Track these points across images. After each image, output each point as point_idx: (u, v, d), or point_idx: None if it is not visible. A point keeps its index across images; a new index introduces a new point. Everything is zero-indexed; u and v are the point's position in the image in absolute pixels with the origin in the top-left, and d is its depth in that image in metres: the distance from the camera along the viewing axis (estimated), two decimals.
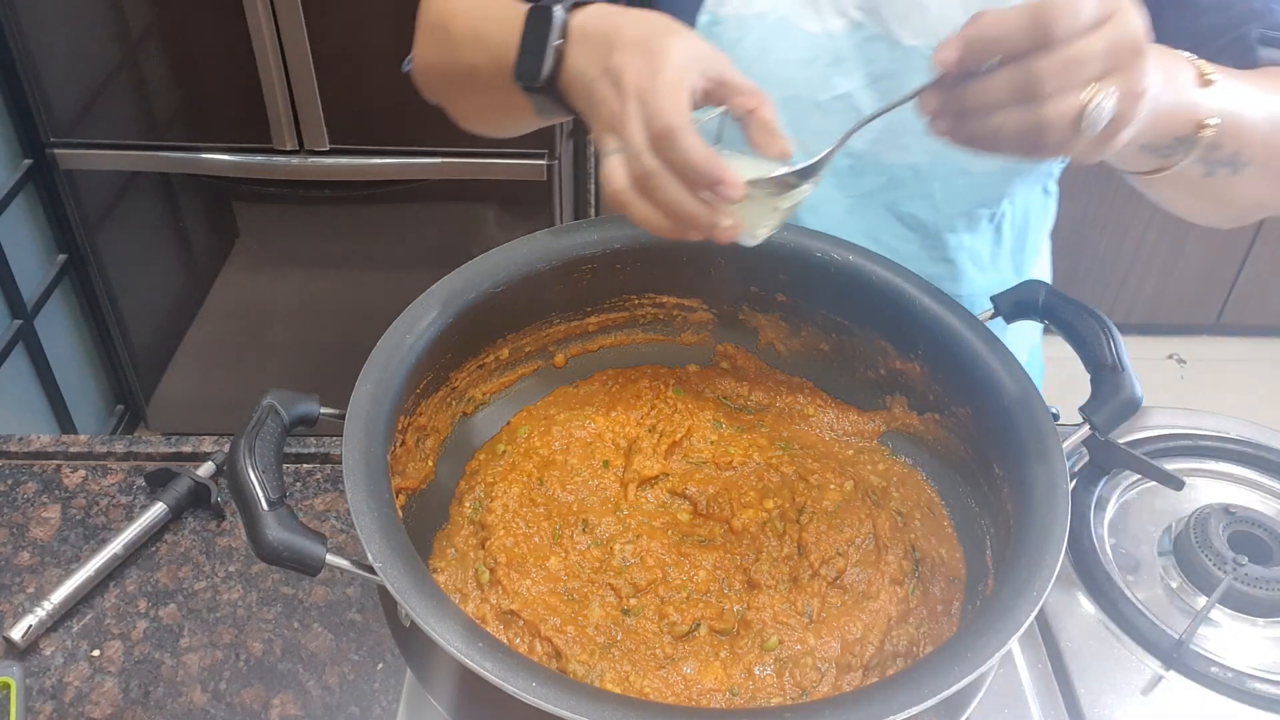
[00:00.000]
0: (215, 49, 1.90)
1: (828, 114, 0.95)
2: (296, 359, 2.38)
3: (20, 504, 0.95)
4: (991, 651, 0.58)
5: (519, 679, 0.55)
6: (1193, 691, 0.80)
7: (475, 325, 0.79)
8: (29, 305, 2.05)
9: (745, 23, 0.91)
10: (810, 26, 0.91)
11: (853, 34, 0.92)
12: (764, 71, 0.92)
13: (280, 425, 0.65)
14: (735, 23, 0.91)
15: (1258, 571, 0.85)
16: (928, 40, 0.90)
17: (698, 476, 0.81)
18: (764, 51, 0.92)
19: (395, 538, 0.61)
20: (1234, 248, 2.52)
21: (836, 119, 0.95)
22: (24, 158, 2.02)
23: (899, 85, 0.92)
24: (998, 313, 0.82)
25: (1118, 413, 0.73)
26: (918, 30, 0.90)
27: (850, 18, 0.91)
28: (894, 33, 0.90)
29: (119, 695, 0.82)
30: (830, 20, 0.91)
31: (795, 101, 0.94)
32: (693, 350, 0.91)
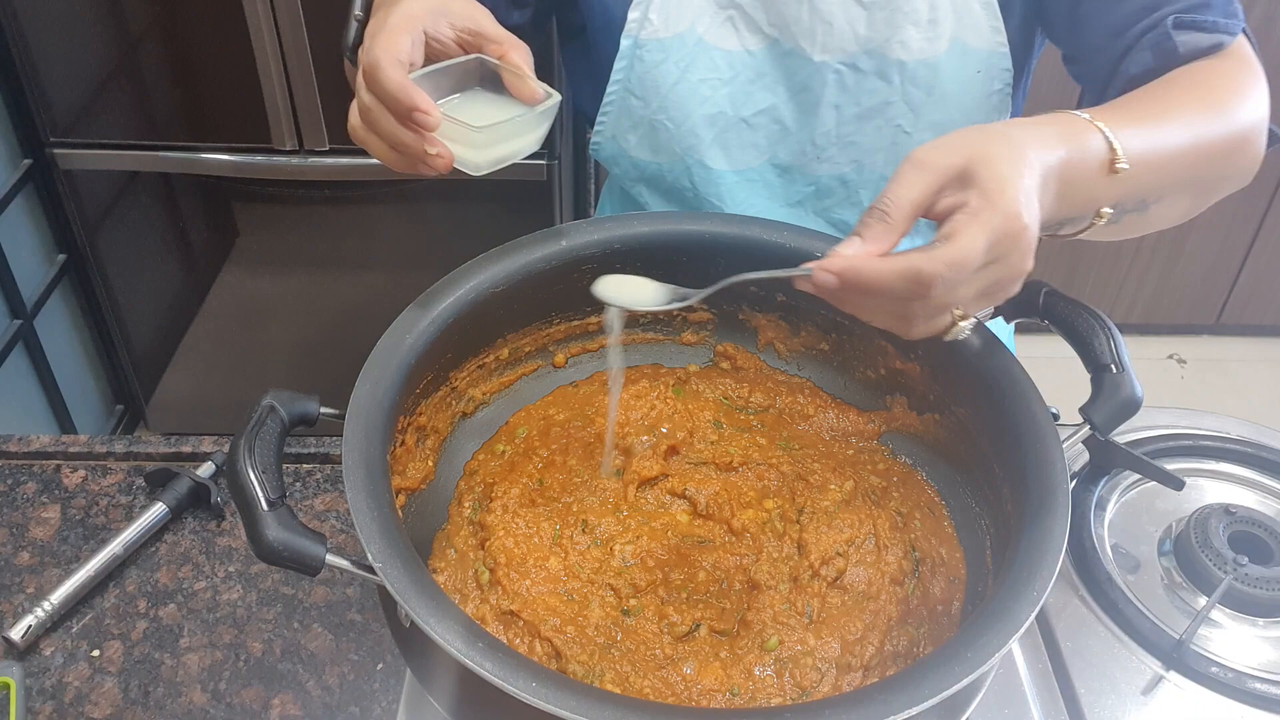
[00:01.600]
0: (215, 49, 1.90)
1: (754, 129, 0.98)
2: (296, 359, 2.38)
3: (20, 504, 0.95)
4: (991, 651, 0.58)
5: (519, 679, 0.55)
6: (1193, 691, 0.80)
7: (475, 325, 0.79)
8: (29, 305, 2.05)
9: (665, 45, 0.94)
10: (729, 45, 0.95)
11: (769, 50, 0.95)
12: (687, 90, 0.96)
13: (280, 425, 0.65)
14: (655, 46, 0.95)
15: (1258, 571, 0.85)
16: (835, 55, 0.93)
17: (697, 477, 0.81)
18: (686, 71, 0.95)
19: (395, 538, 0.61)
20: (1234, 248, 2.52)
21: (762, 133, 0.99)
22: (24, 157, 2.02)
23: (816, 99, 0.95)
24: (998, 312, 0.82)
25: (1118, 413, 0.73)
26: (826, 46, 0.93)
27: (765, 34, 0.94)
28: (804, 49, 0.93)
29: (119, 695, 0.82)
30: (747, 38, 0.95)
31: (721, 118, 0.97)
32: (693, 350, 0.91)
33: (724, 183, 1.01)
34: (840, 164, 0.99)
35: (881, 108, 0.95)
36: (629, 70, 0.95)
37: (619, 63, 0.95)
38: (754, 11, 0.93)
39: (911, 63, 0.92)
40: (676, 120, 0.97)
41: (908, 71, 0.93)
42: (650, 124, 0.98)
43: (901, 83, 0.93)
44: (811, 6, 0.91)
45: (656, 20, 0.93)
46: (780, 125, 0.97)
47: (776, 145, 0.99)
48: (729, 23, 0.94)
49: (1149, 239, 2.49)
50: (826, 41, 0.92)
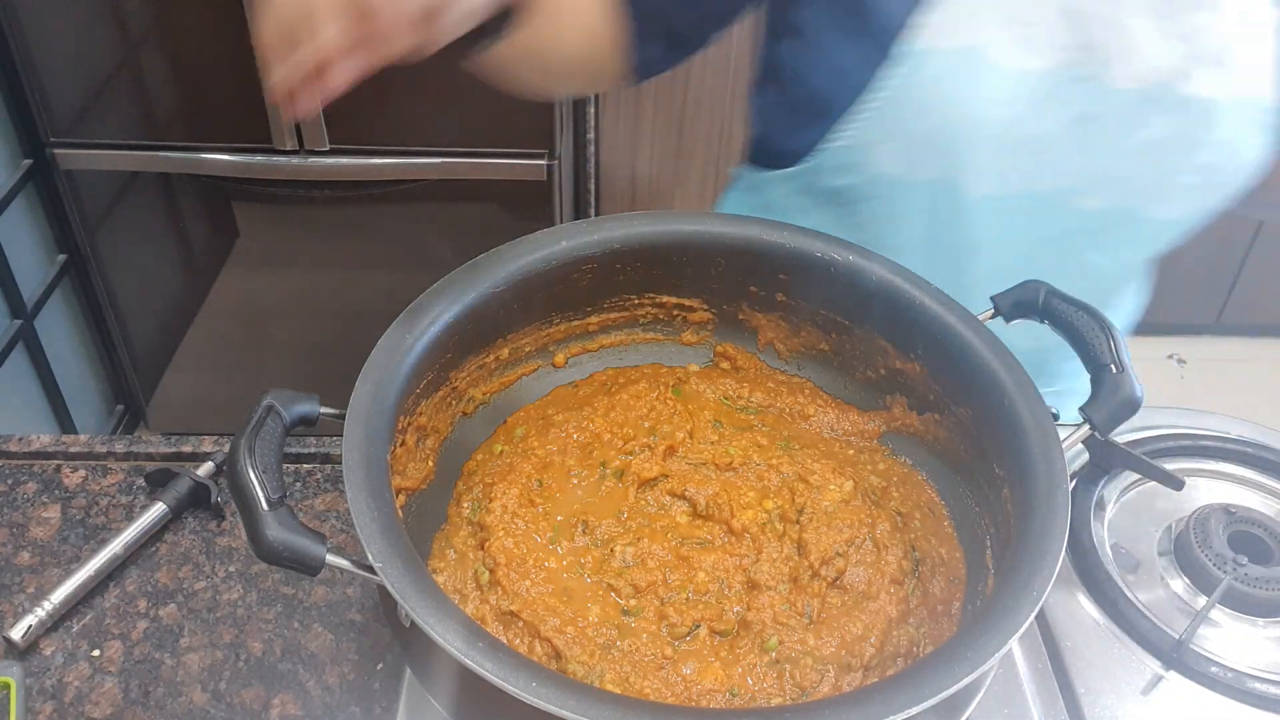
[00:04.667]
0: (215, 49, 1.90)
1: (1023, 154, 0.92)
2: (296, 359, 2.38)
3: (20, 504, 0.95)
4: (991, 651, 0.58)
5: (519, 679, 0.55)
6: (1193, 691, 0.80)
7: (475, 325, 0.79)
8: (29, 305, 2.05)
9: (951, 57, 0.88)
10: (1017, 63, 0.88)
11: (1060, 72, 0.89)
12: (966, 111, 0.89)
13: (280, 425, 0.65)
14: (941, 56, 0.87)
15: (1258, 571, 0.85)
16: (1135, 84, 0.88)
17: (697, 477, 0.81)
18: (965, 87, 0.88)
19: (395, 538, 0.61)
20: (1234, 248, 2.52)
21: (1033, 158, 0.92)
22: (24, 158, 2.02)
23: (1099, 129, 0.90)
24: (998, 313, 0.82)
25: (1118, 413, 0.73)
26: (1128, 73, 0.88)
27: (1060, 56, 0.88)
28: (1105, 74, 0.88)
29: (119, 695, 0.82)
30: (1036, 58, 0.88)
31: (994, 140, 0.91)
32: (693, 350, 0.91)
33: (975, 209, 0.94)
34: (1104, 198, 0.94)
35: (1160, 143, 0.91)
36: (908, 79, 0.88)
37: (897, 68, 0.88)
38: (1053, 31, 0.87)
39: (1196, 100, 0.89)
40: (945, 137, 0.90)
41: (1191, 109, 0.89)
42: (918, 138, 0.91)
43: (1184, 120, 0.90)
44: (1122, 31, 0.87)
45: (942, 31, 0.87)
46: (1052, 152, 0.92)
47: (1042, 174, 0.93)
48: (1024, 39, 0.88)
49: None
50: (1131, 69, 0.88)
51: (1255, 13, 0.89)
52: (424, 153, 2.00)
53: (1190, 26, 0.87)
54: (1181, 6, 0.87)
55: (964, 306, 0.80)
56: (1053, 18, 0.87)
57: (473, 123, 1.97)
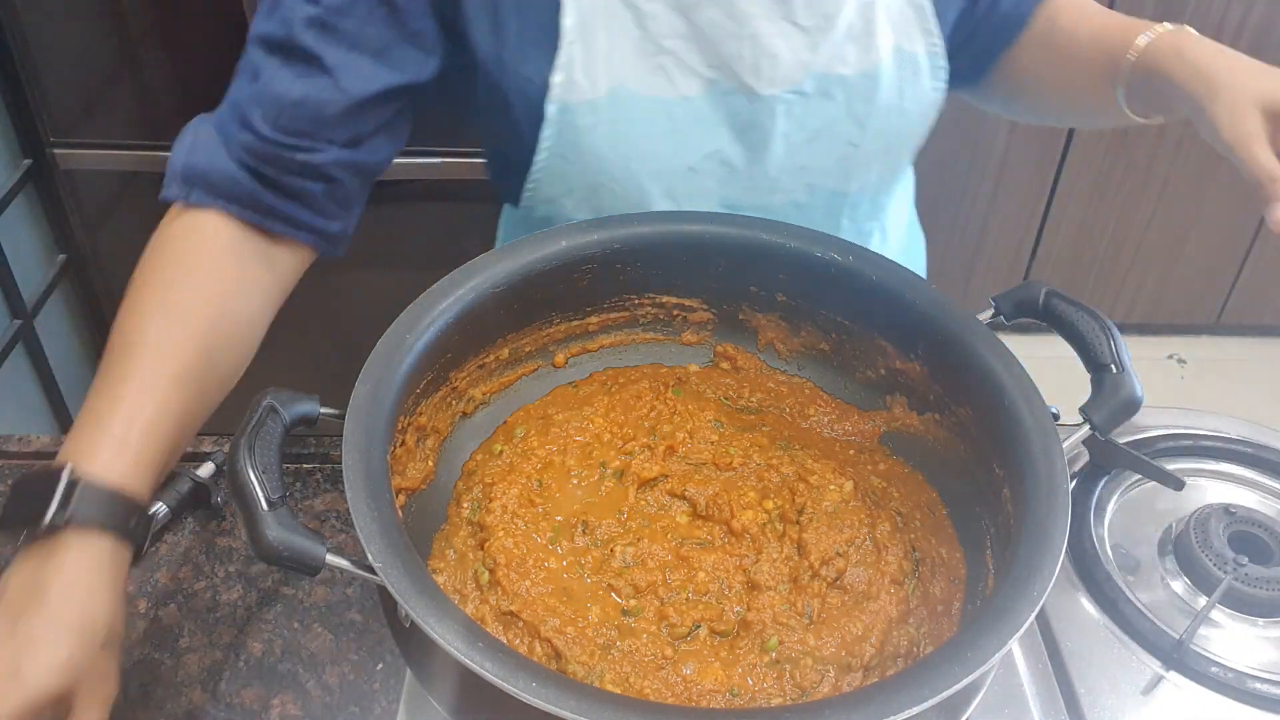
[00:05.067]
0: (215, 49, 1.89)
1: (702, 174, 0.94)
2: (296, 359, 2.38)
3: None
4: (991, 651, 0.58)
5: (519, 679, 0.55)
6: (1193, 691, 0.80)
7: (475, 325, 0.79)
8: (29, 305, 2.05)
9: (596, 106, 0.89)
10: (664, 94, 0.90)
11: (708, 93, 0.91)
12: (628, 149, 0.91)
13: (280, 425, 0.65)
14: (586, 108, 0.89)
15: (1258, 571, 0.85)
16: (783, 86, 0.91)
17: (697, 478, 0.81)
18: (623, 129, 0.90)
19: (395, 538, 0.61)
20: (1234, 248, 2.52)
21: (710, 178, 0.95)
22: (24, 158, 2.02)
23: (764, 133, 0.93)
24: (998, 312, 0.82)
25: (1118, 413, 0.73)
26: (773, 79, 0.90)
27: (703, 77, 0.90)
28: (750, 85, 0.90)
29: (119, 695, 0.82)
30: (682, 84, 0.90)
31: (667, 170, 0.93)
32: (693, 350, 0.91)
33: None
34: (793, 190, 0.97)
35: (828, 126, 0.93)
36: (558, 136, 0.90)
37: (547, 129, 0.89)
38: (687, 56, 0.89)
39: (852, 76, 0.91)
40: (621, 180, 0.92)
41: (850, 86, 0.92)
42: (590, 187, 0.93)
43: (845, 98, 0.92)
44: (754, 41, 0.88)
45: (583, 81, 0.88)
46: (728, 166, 0.94)
47: (726, 186, 0.95)
48: (660, 71, 0.89)
49: (1149, 239, 2.50)
50: (774, 74, 0.90)
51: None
52: (424, 153, 2.00)
53: (819, 15, 0.89)
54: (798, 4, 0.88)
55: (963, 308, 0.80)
56: (683, 43, 0.89)
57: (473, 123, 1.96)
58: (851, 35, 0.90)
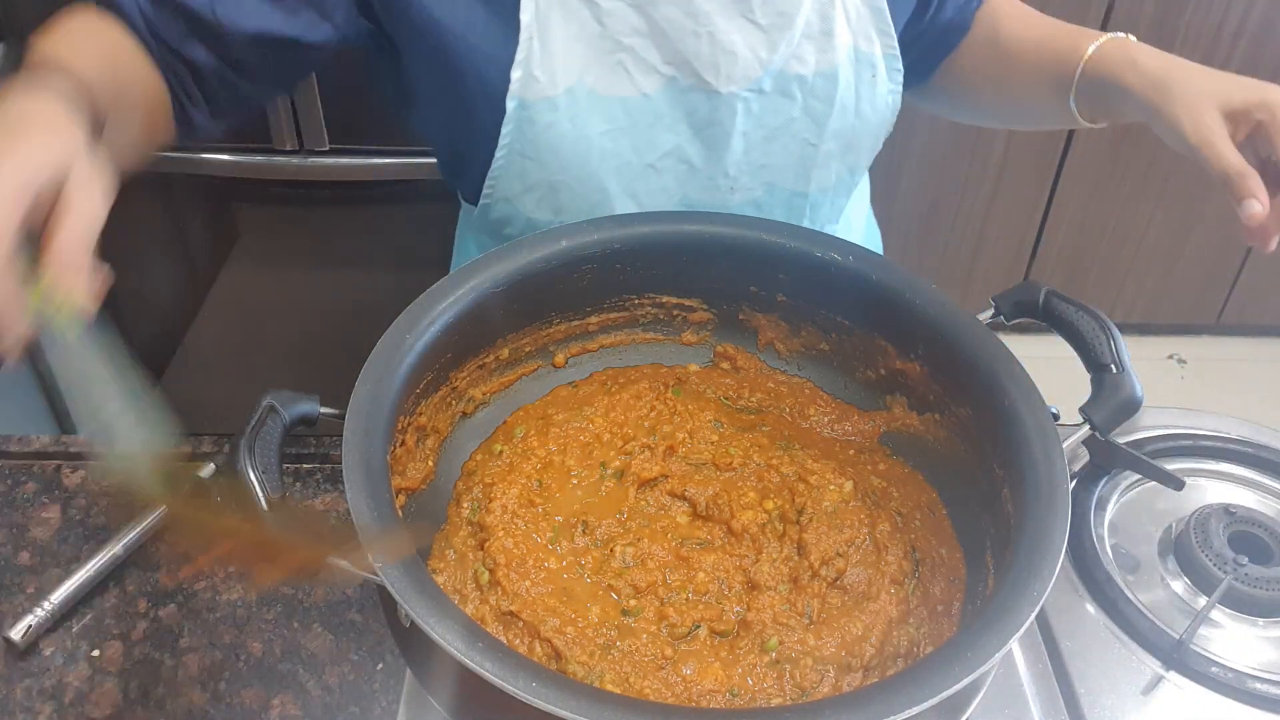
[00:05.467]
0: None
1: (661, 172, 0.95)
2: (296, 359, 2.38)
3: (20, 504, 0.95)
4: (991, 651, 0.58)
5: (519, 679, 0.55)
6: (1193, 691, 0.80)
7: (475, 325, 0.79)
8: None
9: (555, 103, 0.89)
10: (623, 91, 0.90)
11: (667, 90, 0.91)
12: (587, 146, 0.91)
13: (280, 425, 0.65)
14: (545, 105, 0.89)
15: (1258, 571, 0.85)
16: (741, 84, 0.91)
17: (697, 478, 0.81)
18: (582, 127, 0.90)
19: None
20: (1234, 248, 2.52)
21: (670, 175, 0.95)
22: None
23: (723, 130, 0.93)
24: (998, 312, 0.82)
25: (1118, 413, 0.73)
26: (731, 76, 0.90)
27: (661, 74, 0.90)
28: (709, 82, 0.90)
29: (119, 696, 0.82)
30: (641, 81, 0.90)
31: (627, 168, 0.93)
32: (693, 350, 0.91)
33: None
34: (753, 189, 0.97)
35: (786, 125, 0.94)
36: (518, 133, 0.90)
37: (506, 126, 0.89)
38: (646, 53, 0.89)
39: (810, 76, 0.92)
40: (580, 178, 0.92)
41: (808, 85, 0.92)
42: (550, 185, 0.93)
43: (803, 98, 0.93)
44: (711, 38, 0.88)
45: (542, 77, 0.88)
46: (688, 164, 0.94)
47: (686, 184, 0.96)
48: (619, 68, 0.89)
49: (1149, 239, 2.50)
50: (731, 71, 0.90)
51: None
52: (424, 153, 2.00)
53: (775, 12, 0.89)
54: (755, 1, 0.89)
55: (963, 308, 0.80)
56: (641, 40, 0.89)
57: None
58: (809, 34, 0.91)
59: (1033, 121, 1.05)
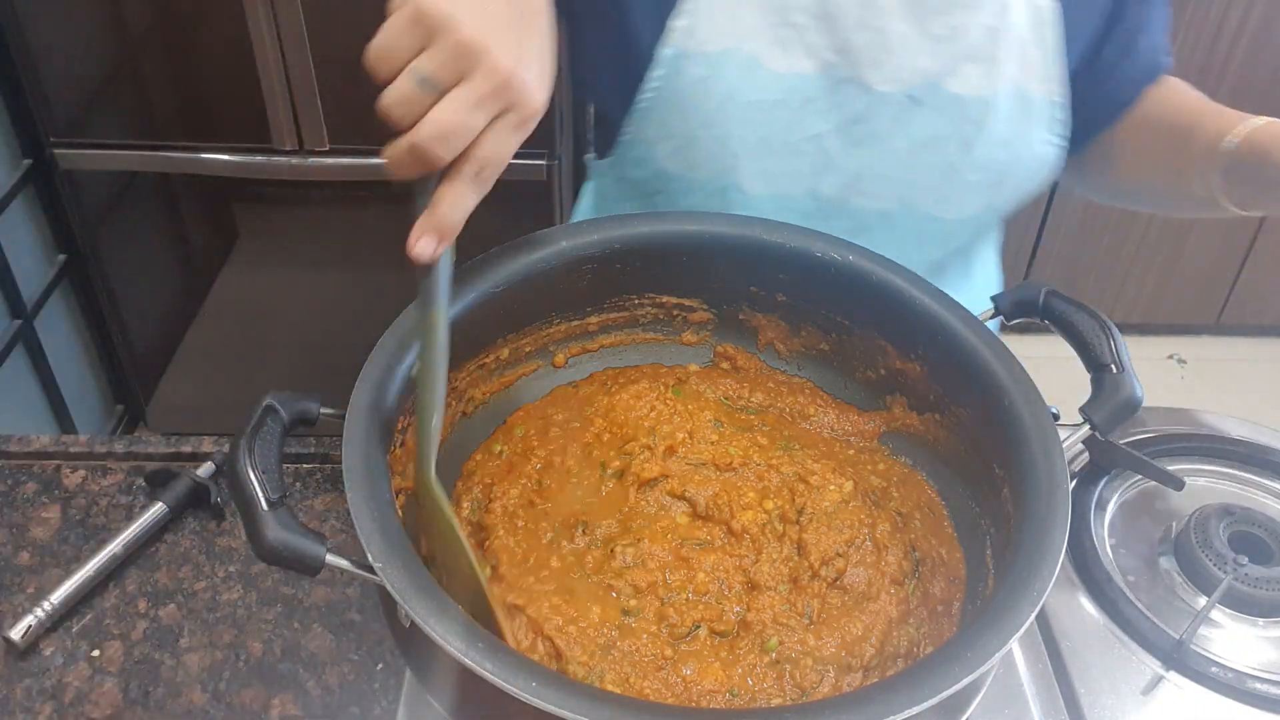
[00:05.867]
0: (215, 49, 1.90)
1: (800, 155, 0.94)
2: (296, 359, 2.38)
3: (20, 504, 0.95)
4: (991, 651, 0.58)
5: (519, 679, 0.55)
6: (1193, 691, 0.80)
7: (475, 325, 0.79)
8: (29, 305, 2.05)
9: (711, 60, 0.89)
10: (779, 66, 0.90)
11: (823, 76, 0.90)
12: (733, 111, 0.91)
13: (280, 425, 0.65)
14: (701, 59, 0.89)
15: (1258, 571, 0.85)
16: (897, 86, 0.90)
17: (697, 478, 0.81)
18: (733, 90, 0.90)
19: (395, 538, 0.61)
20: (1234, 248, 2.52)
21: (806, 161, 0.94)
22: (24, 158, 2.02)
23: (870, 130, 0.92)
24: (998, 312, 0.82)
25: (1118, 413, 0.73)
26: (889, 76, 0.90)
27: (821, 59, 0.90)
28: (865, 77, 0.90)
29: (119, 696, 0.82)
30: (800, 61, 0.90)
31: (766, 143, 0.93)
32: (693, 350, 0.91)
33: (758, 209, 0.96)
34: (885, 198, 0.95)
35: (935, 142, 0.92)
36: (668, 81, 0.90)
37: (657, 70, 0.90)
38: (812, 34, 0.88)
39: (968, 97, 0.90)
40: (718, 139, 0.92)
41: (963, 106, 0.91)
42: (687, 138, 0.93)
43: (956, 118, 0.91)
44: (880, 34, 0.87)
45: (704, 32, 0.88)
46: (826, 156, 0.93)
47: (819, 175, 0.95)
48: (782, 43, 0.89)
49: (1149, 239, 2.50)
50: (890, 72, 0.89)
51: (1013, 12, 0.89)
52: None
53: (949, 26, 0.88)
54: (937, 8, 0.88)
55: (964, 307, 0.80)
56: (810, 21, 0.88)
57: None
58: (975, 57, 0.89)
59: (1173, 204, 1.01)
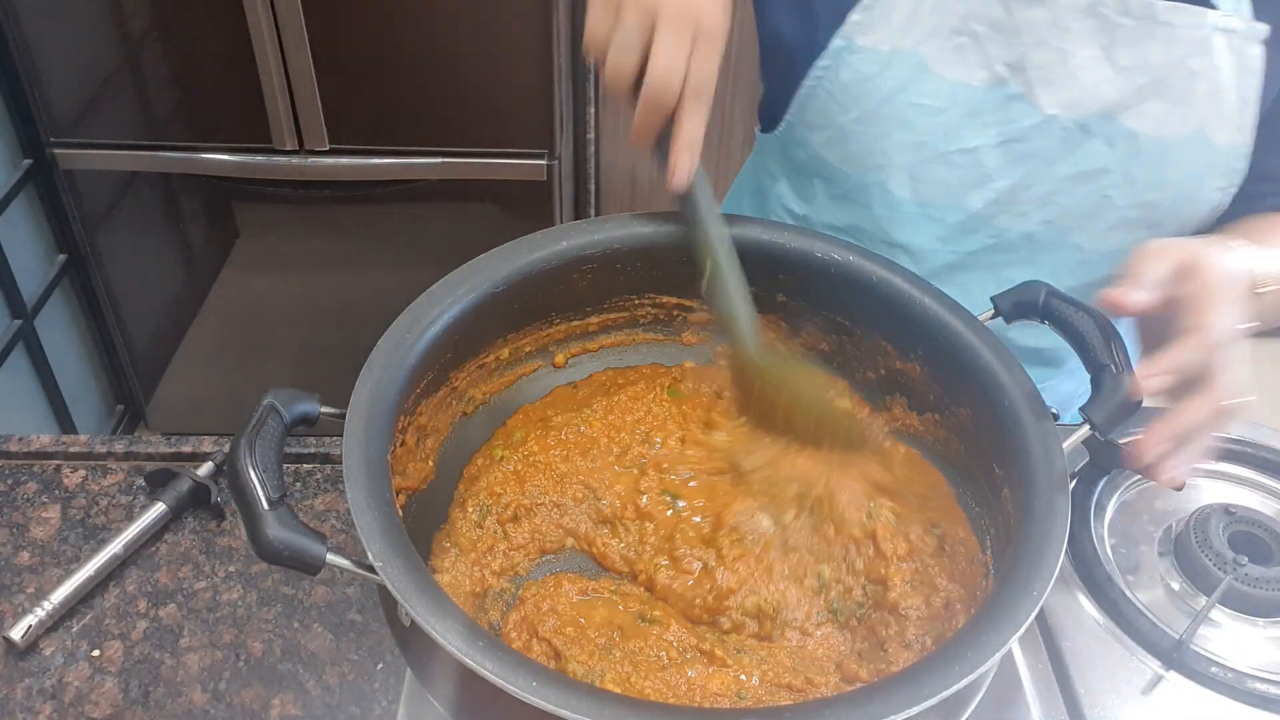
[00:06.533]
0: (215, 49, 1.90)
1: (952, 166, 0.92)
2: (296, 359, 2.38)
3: (20, 504, 0.95)
4: (991, 651, 0.58)
5: (519, 679, 0.55)
6: (1193, 691, 0.80)
7: (475, 325, 0.79)
8: (29, 305, 2.05)
9: (883, 58, 0.88)
10: (950, 74, 0.88)
11: (993, 89, 0.88)
12: (893, 112, 0.90)
13: (280, 425, 0.65)
14: (872, 55, 0.88)
15: (1258, 571, 0.85)
16: (1069, 111, 0.88)
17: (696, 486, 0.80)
18: (897, 91, 0.89)
19: (395, 538, 0.61)
20: None
21: (958, 173, 0.92)
22: (24, 157, 2.02)
23: (1030, 150, 0.90)
24: (998, 313, 0.82)
25: (1118, 413, 0.73)
26: (1063, 100, 0.87)
27: (994, 72, 0.88)
28: (1036, 96, 0.87)
29: (119, 695, 0.82)
30: (973, 71, 0.88)
31: (921, 148, 0.92)
32: (693, 350, 0.91)
33: (902, 211, 0.96)
34: (1033, 221, 0.93)
35: (1097, 173, 0.90)
36: (833, 71, 0.90)
37: (823, 60, 0.89)
38: (990, 45, 0.87)
39: (1144, 136, 0.87)
40: (874, 136, 0.91)
41: (1136, 143, 0.88)
42: (843, 131, 0.93)
43: (1126, 153, 0.88)
44: (1062, 55, 0.85)
45: (880, 29, 0.87)
46: (981, 169, 0.91)
47: (971, 189, 0.93)
48: (958, 50, 0.87)
49: None
50: (1065, 96, 0.87)
51: (1215, 54, 0.86)
52: (424, 153, 2.00)
53: (1138, 59, 0.85)
54: (1128, 37, 0.85)
55: (964, 307, 0.79)
56: (991, 31, 0.86)
57: (473, 123, 1.97)
58: (1163, 95, 0.86)
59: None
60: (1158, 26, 0.84)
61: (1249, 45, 0.85)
